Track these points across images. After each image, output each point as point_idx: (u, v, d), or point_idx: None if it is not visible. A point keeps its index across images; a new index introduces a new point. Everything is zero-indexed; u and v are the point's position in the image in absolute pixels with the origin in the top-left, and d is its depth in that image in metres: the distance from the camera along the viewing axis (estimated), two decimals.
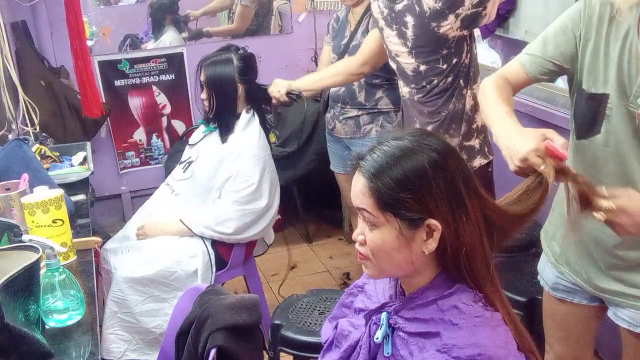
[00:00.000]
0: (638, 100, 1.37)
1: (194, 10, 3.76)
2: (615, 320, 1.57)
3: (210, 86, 2.41)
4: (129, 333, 2.30)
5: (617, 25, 1.40)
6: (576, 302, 1.66)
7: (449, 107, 2.14)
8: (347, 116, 2.72)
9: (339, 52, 2.71)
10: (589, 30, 1.44)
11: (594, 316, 1.67)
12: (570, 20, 1.48)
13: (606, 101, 1.42)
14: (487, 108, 1.50)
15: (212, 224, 2.36)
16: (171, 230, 2.40)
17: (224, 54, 2.43)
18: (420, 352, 1.07)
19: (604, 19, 1.42)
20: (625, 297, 1.52)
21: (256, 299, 1.61)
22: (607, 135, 1.44)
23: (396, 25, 2.14)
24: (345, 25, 2.72)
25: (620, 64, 1.39)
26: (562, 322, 1.72)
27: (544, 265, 1.74)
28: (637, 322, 1.51)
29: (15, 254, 1.46)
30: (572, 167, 1.54)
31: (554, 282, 1.69)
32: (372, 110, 2.68)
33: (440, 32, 2.04)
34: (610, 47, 1.41)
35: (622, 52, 1.39)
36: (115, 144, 3.79)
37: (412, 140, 1.09)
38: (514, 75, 1.58)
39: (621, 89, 1.40)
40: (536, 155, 1.21)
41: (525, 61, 1.56)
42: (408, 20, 2.08)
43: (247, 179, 2.37)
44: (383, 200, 1.06)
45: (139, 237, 2.43)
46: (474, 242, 1.08)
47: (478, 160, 2.19)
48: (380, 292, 1.24)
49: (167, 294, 2.31)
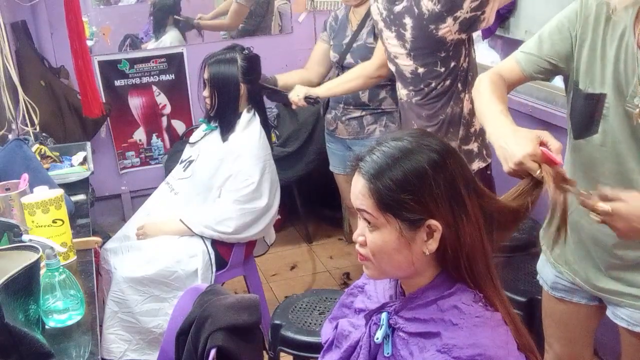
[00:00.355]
0: (635, 100, 1.37)
1: (204, 15, 3.76)
2: (614, 319, 1.57)
3: (213, 84, 2.42)
4: (129, 333, 2.30)
5: (613, 25, 1.40)
6: (575, 302, 1.66)
7: (447, 110, 2.15)
8: (350, 117, 2.72)
9: (340, 51, 2.71)
10: (585, 30, 1.44)
11: (593, 315, 1.67)
12: (566, 20, 1.48)
13: (603, 101, 1.42)
14: (481, 106, 1.50)
15: (212, 223, 2.36)
16: (171, 229, 2.40)
17: (229, 53, 2.43)
18: (421, 352, 1.06)
19: (600, 18, 1.42)
20: (624, 296, 1.52)
21: (256, 299, 1.61)
22: (604, 135, 1.44)
23: (395, 26, 2.14)
24: (346, 25, 2.72)
25: (616, 64, 1.39)
26: (562, 322, 1.73)
27: (543, 264, 1.74)
28: (636, 321, 1.51)
29: (15, 254, 1.46)
30: (571, 165, 1.55)
31: (553, 282, 1.69)
32: (375, 110, 2.68)
33: (438, 35, 2.04)
34: (607, 47, 1.41)
35: (619, 52, 1.39)
36: (115, 144, 3.79)
37: (411, 141, 1.09)
38: (509, 73, 1.57)
39: (618, 88, 1.40)
40: (532, 159, 1.20)
41: (520, 59, 1.56)
42: (407, 22, 2.09)
43: (247, 178, 2.37)
44: (383, 201, 1.06)
45: (138, 237, 2.43)
46: (474, 242, 1.08)
47: (476, 164, 2.20)
48: (380, 292, 1.24)
49: (167, 293, 2.31)
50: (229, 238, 2.41)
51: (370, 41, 2.62)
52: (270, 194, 2.44)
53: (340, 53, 2.71)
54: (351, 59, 2.67)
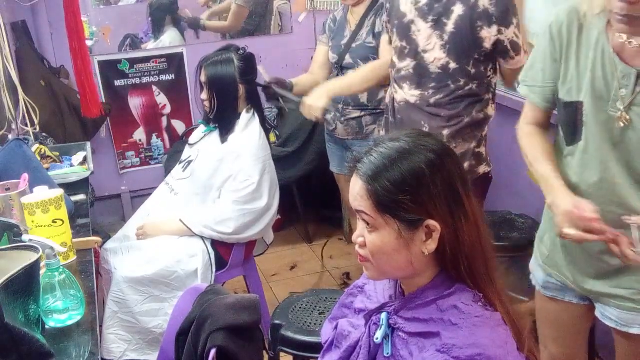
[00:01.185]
0: (617, 104, 1.39)
1: (202, 15, 3.77)
2: (602, 319, 1.58)
3: (211, 86, 2.41)
4: (129, 333, 2.30)
5: (587, 33, 1.43)
6: (567, 301, 1.67)
7: (472, 113, 2.14)
8: (349, 117, 2.72)
9: (339, 52, 2.70)
10: (563, 46, 1.48)
11: (585, 315, 1.68)
12: (548, 48, 1.51)
13: (581, 109, 1.45)
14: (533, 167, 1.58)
15: (211, 224, 2.36)
16: (171, 229, 2.40)
17: (225, 54, 2.42)
18: (420, 352, 1.06)
19: (572, 28, 1.45)
20: (612, 297, 1.53)
21: (256, 299, 1.61)
22: (586, 141, 1.47)
23: (434, 15, 2.08)
24: (345, 25, 2.72)
25: (594, 70, 1.41)
26: (555, 321, 1.73)
27: (535, 265, 1.75)
28: (624, 321, 1.52)
29: (15, 254, 1.46)
30: (567, 171, 1.55)
31: (544, 281, 1.71)
32: (374, 110, 2.67)
33: (480, 35, 2.04)
34: (582, 55, 1.44)
35: (595, 58, 1.41)
36: (115, 144, 3.79)
37: (408, 142, 1.09)
38: (533, 118, 1.63)
39: (596, 94, 1.42)
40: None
41: (531, 98, 1.61)
42: (455, 10, 2.05)
43: (247, 179, 2.36)
44: (381, 202, 1.06)
45: (139, 237, 2.43)
46: (473, 242, 1.08)
47: (484, 167, 2.21)
48: (380, 292, 1.24)
49: (167, 293, 2.31)
50: (229, 238, 2.41)
51: (369, 40, 2.61)
52: (270, 195, 2.44)
53: (339, 54, 2.70)
54: (350, 59, 2.66)
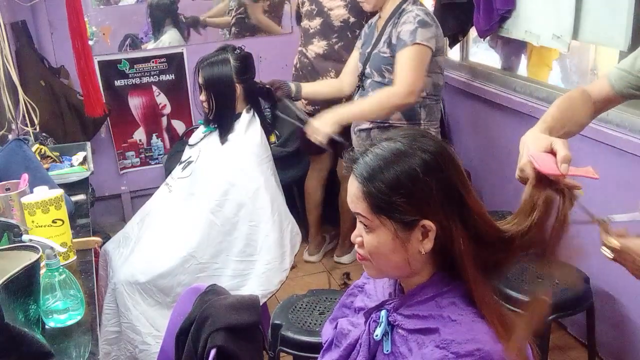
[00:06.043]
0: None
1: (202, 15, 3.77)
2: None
3: (208, 88, 2.40)
4: (128, 333, 2.30)
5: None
6: None
7: None
8: (360, 128, 2.68)
9: (363, 60, 2.64)
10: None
11: None
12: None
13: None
14: None
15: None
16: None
17: (221, 55, 2.41)
18: (420, 348, 1.07)
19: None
20: None
21: (256, 299, 1.61)
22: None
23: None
24: (374, 32, 2.65)
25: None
26: None
27: None
28: None
29: (15, 254, 1.46)
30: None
31: None
32: (383, 124, 2.61)
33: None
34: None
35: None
36: (115, 144, 3.79)
37: (404, 142, 1.08)
38: (597, 88, 1.47)
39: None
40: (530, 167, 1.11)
41: (612, 74, 1.46)
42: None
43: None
44: (376, 204, 1.06)
45: None
46: (467, 242, 1.07)
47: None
48: (379, 290, 1.24)
49: (167, 294, 2.30)
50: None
51: (384, 50, 2.53)
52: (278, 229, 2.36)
53: (363, 62, 2.65)
54: (369, 68, 2.60)
